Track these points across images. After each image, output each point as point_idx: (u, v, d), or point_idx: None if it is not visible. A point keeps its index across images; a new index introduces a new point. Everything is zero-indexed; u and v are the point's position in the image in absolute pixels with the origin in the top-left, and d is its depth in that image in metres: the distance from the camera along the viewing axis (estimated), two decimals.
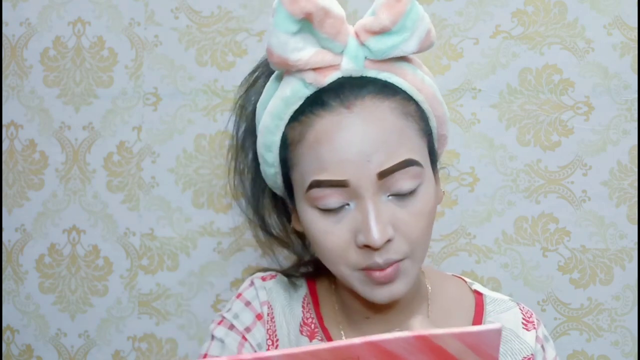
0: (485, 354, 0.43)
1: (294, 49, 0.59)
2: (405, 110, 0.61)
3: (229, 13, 1.01)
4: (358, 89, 0.60)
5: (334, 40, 0.59)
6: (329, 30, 0.58)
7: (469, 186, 0.98)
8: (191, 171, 1.02)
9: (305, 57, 0.59)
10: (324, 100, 0.60)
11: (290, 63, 0.59)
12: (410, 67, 0.63)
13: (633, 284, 0.95)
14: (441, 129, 0.67)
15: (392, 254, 0.58)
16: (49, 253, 1.06)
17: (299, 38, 0.58)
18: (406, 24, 0.59)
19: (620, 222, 0.95)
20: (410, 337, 0.42)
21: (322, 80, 0.60)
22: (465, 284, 0.75)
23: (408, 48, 0.60)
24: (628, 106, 0.95)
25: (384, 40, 0.59)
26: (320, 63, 0.60)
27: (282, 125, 0.63)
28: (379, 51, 0.60)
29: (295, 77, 0.61)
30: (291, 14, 0.57)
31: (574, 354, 0.96)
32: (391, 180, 0.58)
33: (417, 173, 0.59)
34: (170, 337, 1.03)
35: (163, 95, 1.03)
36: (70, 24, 1.05)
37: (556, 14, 0.96)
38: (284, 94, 0.62)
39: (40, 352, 1.05)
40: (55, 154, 1.06)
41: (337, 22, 0.58)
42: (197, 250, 1.02)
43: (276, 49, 0.59)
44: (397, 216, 0.59)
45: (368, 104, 0.59)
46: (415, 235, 0.59)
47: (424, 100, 0.63)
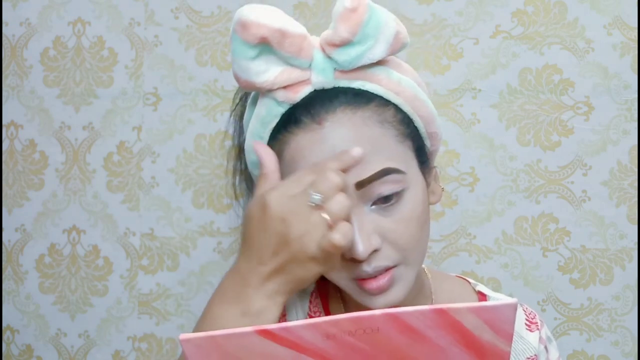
0: (501, 330, 0.44)
1: (257, 72, 0.59)
2: (381, 117, 0.60)
3: (229, 13, 1.01)
4: (329, 101, 0.59)
5: (297, 58, 0.59)
6: (290, 49, 0.58)
7: (469, 186, 0.98)
8: (191, 171, 1.02)
9: (270, 78, 0.59)
10: (297, 118, 0.59)
11: (257, 86, 0.59)
12: (384, 70, 0.61)
13: (633, 284, 0.95)
14: (429, 127, 0.65)
15: (381, 261, 0.58)
16: (49, 253, 1.06)
17: (260, 61, 0.58)
18: (367, 32, 0.58)
19: (620, 222, 0.95)
20: (428, 311, 0.43)
21: (294, 96, 0.60)
22: (469, 284, 0.75)
23: (375, 55, 0.59)
24: (628, 106, 0.95)
25: (348, 52, 0.58)
26: (288, 81, 0.59)
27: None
28: (345, 62, 0.59)
29: (267, 97, 0.61)
30: (245, 41, 0.57)
31: (574, 354, 0.96)
32: (370, 190, 0.57)
33: (397, 180, 0.58)
34: (170, 337, 1.03)
35: (163, 95, 1.03)
36: (70, 24, 1.05)
37: (556, 14, 0.96)
38: (260, 114, 0.62)
39: (40, 352, 1.05)
40: (55, 154, 1.06)
41: (297, 39, 0.58)
42: (197, 250, 1.02)
43: (241, 75, 0.59)
44: (382, 225, 0.58)
45: (340, 116, 0.58)
46: (404, 242, 0.59)
47: (403, 102, 0.62)
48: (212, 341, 0.42)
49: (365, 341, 0.43)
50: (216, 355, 0.42)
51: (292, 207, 0.54)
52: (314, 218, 0.54)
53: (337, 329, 0.42)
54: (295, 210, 0.54)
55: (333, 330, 0.42)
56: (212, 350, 0.42)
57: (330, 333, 0.42)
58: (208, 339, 0.42)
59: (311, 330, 0.42)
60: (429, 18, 0.98)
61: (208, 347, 0.42)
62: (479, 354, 0.45)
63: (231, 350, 0.42)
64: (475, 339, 0.44)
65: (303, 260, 0.55)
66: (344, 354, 0.44)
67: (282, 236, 0.54)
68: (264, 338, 0.42)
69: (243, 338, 0.42)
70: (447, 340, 0.44)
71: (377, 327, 0.43)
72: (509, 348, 0.45)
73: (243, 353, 0.42)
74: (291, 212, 0.54)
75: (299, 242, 0.54)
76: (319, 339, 0.43)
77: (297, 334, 0.42)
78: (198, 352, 0.42)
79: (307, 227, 0.54)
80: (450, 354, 0.45)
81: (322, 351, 0.43)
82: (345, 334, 0.42)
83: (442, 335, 0.44)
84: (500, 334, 0.44)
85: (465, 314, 0.43)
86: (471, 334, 0.44)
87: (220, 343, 0.42)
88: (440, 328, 0.43)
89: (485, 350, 0.45)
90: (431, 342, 0.44)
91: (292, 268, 0.55)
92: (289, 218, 0.54)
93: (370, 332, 0.43)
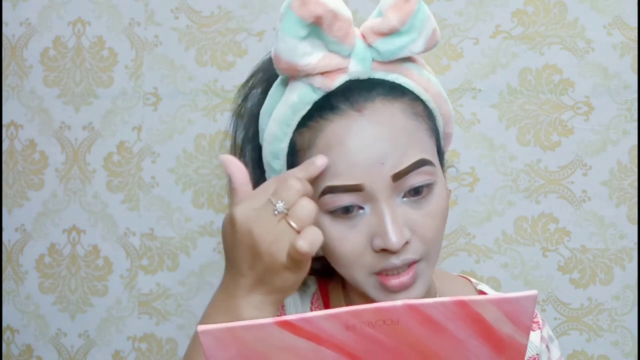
0: (520, 322, 0.44)
1: (303, 53, 0.58)
2: (415, 110, 0.60)
3: (229, 13, 1.01)
4: (367, 91, 0.59)
5: (342, 43, 0.58)
6: (337, 33, 0.58)
7: (469, 186, 0.98)
8: (191, 171, 1.02)
9: (313, 61, 0.58)
10: (332, 104, 0.59)
11: (299, 68, 0.58)
12: (416, 67, 0.63)
13: (633, 284, 0.95)
14: (447, 127, 0.67)
15: (409, 254, 0.58)
16: (49, 253, 1.06)
17: (307, 42, 0.58)
18: (414, 23, 0.59)
19: (620, 222, 0.95)
20: (449, 303, 0.42)
21: (330, 84, 0.59)
22: (471, 284, 0.75)
23: (415, 48, 0.60)
24: (628, 106, 0.95)
25: (393, 41, 0.59)
26: (328, 67, 0.59)
27: (290, 132, 0.62)
28: (387, 52, 0.59)
29: (302, 82, 0.60)
30: (301, 18, 0.56)
31: (574, 354, 0.96)
32: (405, 181, 0.57)
33: (430, 172, 0.59)
34: (170, 337, 1.03)
35: (163, 95, 1.03)
36: (70, 24, 1.05)
37: (556, 14, 0.96)
38: (291, 100, 0.61)
39: (40, 352, 1.05)
40: (55, 154, 1.06)
41: (346, 24, 0.58)
42: (197, 250, 1.02)
43: (284, 55, 0.58)
44: (412, 218, 0.58)
45: (378, 106, 0.59)
46: (430, 236, 0.59)
47: (430, 99, 0.63)
48: (230, 333, 0.41)
49: (384, 333, 0.43)
50: (234, 347, 0.42)
51: (258, 219, 0.54)
52: (279, 227, 0.53)
53: (357, 319, 0.42)
54: (261, 222, 0.54)
55: (353, 321, 0.42)
56: (230, 342, 0.42)
57: (350, 324, 0.42)
58: (226, 331, 0.41)
59: (331, 321, 0.42)
60: None
61: (226, 339, 0.42)
62: (497, 346, 0.45)
63: (249, 342, 0.42)
64: (494, 331, 0.44)
65: (278, 270, 0.54)
66: (363, 345, 0.43)
67: (253, 249, 0.54)
68: (283, 329, 0.42)
69: (262, 329, 0.42)
70: (466, 333, 0.44)
71: (397, 318, 0.42)
72: (526, 341, 0.45)
73: (261, 345, 0.42)
74: (257, 224, 0.54)
75: (269, 253, 0.54)
76: (339, 330, 0.42)
77: (317, 325, 0.42)
78: (216, 344, 0.42)
79: (274, 236, 0.53)
80: (469, 346, 0.45)
81: (341, 343, 0.43)
82: (365, 325, 0.42)
83: (461, 327, 0.44)
84: (518, 326, 0.44)
85: (485, 306, 0.43)
86: (490, 326, 0.44)
87: (238, 335, 0.42)
88: (460, 320, 0.43)
89: (504, 343, 0.45)
90: (450, 334, 0.44)
91: (270, 278, 0.55)
92: (256, 230, 0.54)
93: (390, 323, 0.43)
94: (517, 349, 0.45)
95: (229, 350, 0.42)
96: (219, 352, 0.42)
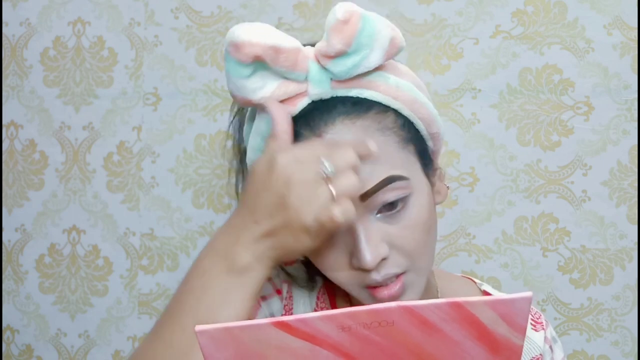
0: (515, 323, 0.44)
1: (254, 89, 0.58)
2: (381, 125, 0.59)
3: (229, 13, 1.01)
4: (327, 113, 0.58)
5: (293, 72, 0.58)
6: (284, 64, 0.57)
7: (469, 186, 0.98)
8: (191, 171, 1.02)
9: (267, 93, 0.58)
10: (296, 131, 0.59)
11: (255, 103, 0.59)
12: (381, 76, 0.61)
13: (633, 284, 0.95)
14: (430, 128, 0.64)
15: (390, 269, 0.58)
16: (49, 253, 1.06)
17: (255, 78, 0.58)
18: (361, 41, 0.57)
19: (620, 222, 0.95)
20: (444, 304, 0.43)
21: (292, 109, 0.59)
22: (475, 284, 0.75)
23: (371, 63, 0.58)
24: (628, 106, 0.95)
25: (343, 62, 0.58)
26: (285, 94, 0.59)
27: None
28: (341, 72, 0.58)
29: (266, 112, 0.60)
30: (239, 61, 0.56)
31: (574, 354, 0.96)
32: (375, 199, 0.57)
33: (402, 186, 0.58)
34: None
35: (163, 95, 1.03)
36: (70, 24, 1.05)
37: (556, 14, 0.96)
38: (260, 129, 0.61)
39: (40, 352, 1.05)
40: (55, 154, 1.06)
41: (291, 54, 0.57)
42: (197, 250, 1.02)
43: (237, 93, 0.59)
44: (389, 232, 0.58)
45: (339, 127, 0.58)
46: (411, 247, 0.58)
47: (402, 106, 0.61)
48: (227, 333, 0.42)
49: (380, 334, 0.43)
50: (232, 347, 0.42)
51: (300, 172, 0.53)
52: (319, 189, 0.53)
53: (353, 321, 0.42)
54: (302, 177, 0.53)
55: (349, 322, 0.42)
56: (227, 342, 0.42)
57: (346, 325, 0.43)
58: (223, 331, 0.42)
59: (327, 322, 0.42)
60: (429, 18, 0.98)
61: (223, 339, 0.42)
62: (493, 347, 0.45)
63: (247, 342, 0.42)
64: (490, 332, 0.44)
65: (296, 229, 0.54)
66: (358, 346, 0.44)
67: (282, 199, 0.53)
68: (279, 330, 0.42)
69: (259, 330, 0.42)
70: (461, 334, 0.44)
71: (392, 320, 0.43)
72: (522, 342, 0.45)
73: (259, 345, 0.43)
74: (297, 176, 0.53)
75: (296, 209, 0.53)
76: (335, 331, 0.43)
77: (313, 326, 0.42)
78: (213, 344, 0.42)
79: (309, 195, 0.53)
80: (465, 347, 0.45)
81: (337, 344, 0.44)
82: (360, 327, 0.43)
83: (456, 328, 0.44)
84: (514, 327, 0.44)
85: (480, 307, 0.43)
86: (486, 328, 0.44)
87: (235, 335, 0.42)
88: (455, 321, 0.43)
89: (499, 344, 0.45)
90: (445, 336, 0.44)
91: (284, 234, 0.54)
92: (294, 182, 0.53)
93: (385, 325, 0.43)
94: (513, 350, 0.45)
95: (226, 350, 0.42)
96: (217, 352, 0.42)
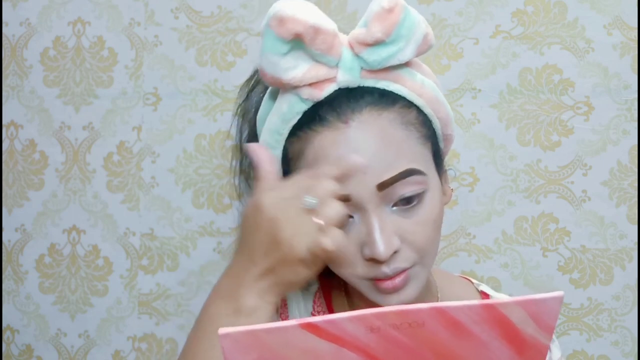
0: (544, 323, 0.44)
1: (287, 68, 0.58)
2: (405, 119, 0.60)
3: (229, 13, 1.01)
4: (355, 101, 0.59)
5: (327, 55, 0.58)
6: (320, 46, 0.57)
7: (469, 186, 0.98)
8: (191, 171, 1.02)
9: (298, 74, 0.58)
10: (321, 116, 0.59)
11: (284, 82, 0.59)
12: (408, 72, 0.62)
13: (633, 284, 0.95)
14: (445, 129, 0.66)
15: (400, 263, 0.58)
16: (49, 253, 1.06)
17: (290, 57, 0.58)
18: (401, 33, 0.58)
19: (620, 222, 0.95)
20: (477, 306, 0.43)
21: (319, 94, 0.59)
22: (472, 284, 0.75)
23: (404, 56, 0.59)
24: (628, 106, 0.95)
25: (379, 52, 0.58)
26: (315, 78, 0.59)
27: (282, 140, 0.62)
28: (374, 62, 0.59)
29: (291, 93, 0.60)
30: (280, 36, 0.57)
31: (574, 354, 0.96)
32: (392, 191, 0.57)
33: (419, 181, 0.58)
34: (170, 337, 1.03)
35: (163, 95, 1.03)
36: (70, 24, 1.05)
37: (556, 14, 0.96)
38: (281, 110, 0.61)
39: (40, 352, 1.05)
40: (55, 154, 1.06)
41: (329, 37, 0.57)
42: (197, 250, 1.02)
43: (268, 70, 0.59)
44: (402, 226, 0.58)
45: (366, 116, 0.58)
46: (422, 243, 0.59)
47: (424, 104, 0.62)
48: (252, 336, 0.41)
49: (408, 335, 0.43)
50: (255, 350, 0.42)
51: (285, 209, 0.55)
52: (305, 221, 0.54)
53: (382, 321, 0.42)
54: (288, 213, 0.55)
55: (378, 323, 0.42)
56: (251, 345, 0.41)
57: (375, 326, 0.42)
58: (248, 334, 0.41)
59: (356, 323, 0.42)
60: (429, 18, 0.98)
61: (247, 342, 0.41)
62: (520, 347, 0.45)
63: (271, 345, 0.42)
64: (519, 332, 0.44)
65: (292, 263, 0.55)
66: (385, 348, 0.43)
67: (273, 237, 0.55)
68: (306, 332, 0.42)
69: (285, 332, 0.42)
70: (490, 335, 0.44)
71: (422, 321, 0.43)
72: (549, 342, 0.45)
73: (283, 348, 0.42)
74: (283, 214, 0.55)
75: (289, 244, 0.54)
76: (363, 332, 0.42)
77: (341, 327, 0.42)
78: (236, 348, 0.41)
79: (298, 229, 0.54)
80: (491, 347, 0.45)
81: (364, 345, 0.43)
82: (389, 328, 0.42)
83: (486, 329, 0.44)
84: (542, 327, 0.44)
85: (512, 308, 0.43)
86: (515, 328, 0.44)
87: (260, 338, 0.41)
88: (486, 323, 0.44)
89: (527, 344, 0.45)
90: (474, 337, 0.44)
91: (282, 270, 0.55)
92: (281, 220, 0.54)
93: (415, 326, 0.43)
94: (539, 350, 0.46)
95: (249, 354, 0.42)
96: (240, 355, 0.42)
